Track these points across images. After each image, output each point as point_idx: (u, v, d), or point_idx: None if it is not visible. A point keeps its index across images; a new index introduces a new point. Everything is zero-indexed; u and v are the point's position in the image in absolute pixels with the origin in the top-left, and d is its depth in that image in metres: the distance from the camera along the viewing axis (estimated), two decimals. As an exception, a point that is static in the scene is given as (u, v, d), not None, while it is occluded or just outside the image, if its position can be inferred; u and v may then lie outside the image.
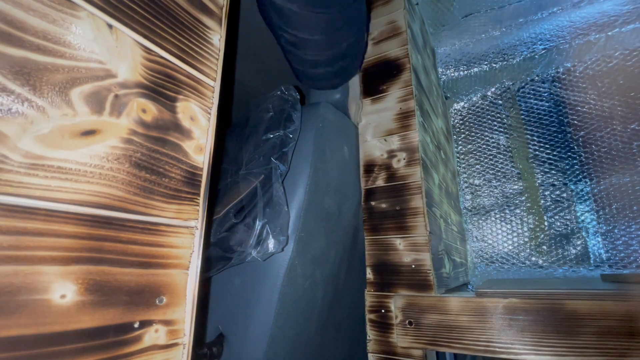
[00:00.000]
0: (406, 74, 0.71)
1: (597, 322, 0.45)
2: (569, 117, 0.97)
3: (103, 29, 0.23)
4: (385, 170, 0.68)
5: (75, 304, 0.20)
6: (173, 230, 0.26)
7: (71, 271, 0.20)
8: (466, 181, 1.09)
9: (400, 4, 0.77)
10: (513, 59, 1.02)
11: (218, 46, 0.32)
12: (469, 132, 1.12)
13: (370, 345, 0.61)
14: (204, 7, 0.31)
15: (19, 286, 0.18)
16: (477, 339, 0.51)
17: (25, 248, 0.18)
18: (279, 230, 0.50)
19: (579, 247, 0.90)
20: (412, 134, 0.67)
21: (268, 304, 0.52)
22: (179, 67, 0.28)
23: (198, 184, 0.28)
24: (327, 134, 0.64)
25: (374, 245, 0.65)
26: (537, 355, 0.47)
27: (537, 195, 0.98)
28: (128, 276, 0.22)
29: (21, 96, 0.19)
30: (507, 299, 0.51)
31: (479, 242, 1.02)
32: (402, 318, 0.58)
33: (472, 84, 1.11)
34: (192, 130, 0.28)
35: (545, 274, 0.92)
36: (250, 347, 0.52)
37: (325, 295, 0.62)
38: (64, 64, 0.21)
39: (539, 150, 1.00)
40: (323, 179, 0.61)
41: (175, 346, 0.25)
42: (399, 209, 0.64)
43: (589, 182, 0.92)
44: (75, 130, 0.21)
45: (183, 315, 0.25)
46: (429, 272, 0.58)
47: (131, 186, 0.23)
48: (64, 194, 0.20)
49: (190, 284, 0.26)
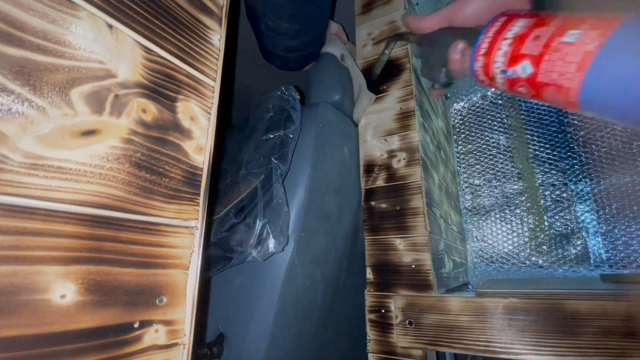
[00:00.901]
0: (406, 74, 0.71)
1: (598, 322, 0.45)
2: (569, 117, 0.97)
3: (103, 29, 0.23)
4: (385, 170, 0.68)
5: (75, 304, 0.20)
6: (173, 230, 0.26)
7: (71, 271, 0.20)
8: (466, 181, 1.09)
9: (400, 4, 0.77)
10: (513, 59, 1.01)
11: (218, 46, 0.32)
12: (469, 132, 1.12)
13: (370, 345, 0.61)
14: (204, 7, 0.31)
15: (19, 286, 0.18)
16: (477, 339, 0.51)
17: (25, 248, 0.18)
18: (279, 230, 0.50)
19: (579, 247, 0.90)
20: (412, 134, 0.67)
21: (268, 304, 0.52)
22: (179, 67, 0.28)
23: (198, 184, 0.28)
24: (327, 134, 0.64)
25: (374, 245, 0.65)
26: (538, 355, 0.47)
27: (537, 195, 0.98)
28: (128, 276, 0.22)
29: (21, 96, 0.19)
30: (507, 299, 0.51)
31: (479, 242, 1.02)
32: (402, 318, 0.58)
33: (472, 83, 1.11)
34: (192, 130, 0.28)
35: (546, 274, 0.92)
36: (250, 347, 0.52)
37: (326, 295, 0.62)
38: (64, 64, 0.21)
39: (539, 150, 1.00)
40: (323, 179, 0.61)
41: (176, 346, 0.25)
42: (399, 209, 0.64)
43: (589, 182, 0.92)
44: (76, 130, 0.21)
45: (183, 315, 0.25)
46: (429, 272, 0.58)
47: (131, 186, 0.23)
48: (64, 194, 0.20)
49: (191, 284, 0.26)
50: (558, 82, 0.36)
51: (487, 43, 0.42)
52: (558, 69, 0.35)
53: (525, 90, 0.40)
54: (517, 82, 0.40)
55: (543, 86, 0.37)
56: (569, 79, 0.35)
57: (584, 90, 0.34)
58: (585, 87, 0.34)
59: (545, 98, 0.39)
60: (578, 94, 0.35)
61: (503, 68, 0.40)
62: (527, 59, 0.38)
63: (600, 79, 0.33)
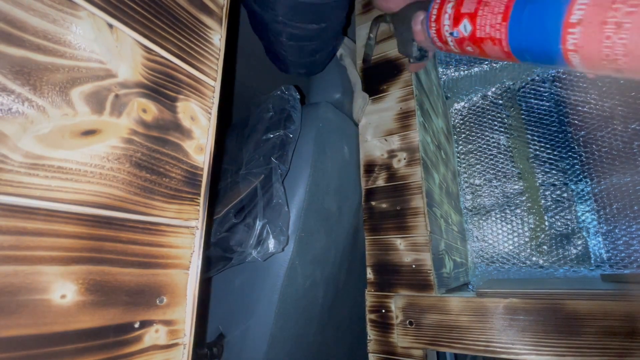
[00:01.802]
0: (406, 73, 0.71)
1: (598, 322, 0.45)
2: (569, 116, 0.97)
3: (103, 29, 0.23)
4: (385, 170, 0.68)
5: (76, 304, 0.20)
6: (173, 230, 0.26)
7: (71, 271, 0.20)
8: (467, 181, 1.09)
9: (400, 4, 0.77)
10: (513, 58, 1.01)
11: (218, 46, 0.32)
12: (470, 131, 1.12)
13: (370, 345, 0.61)
14: (204, 6, 0.31)
15: (19, 286, 0.18)
16: (477, 339, 0.51)
17: (25, 248, 0.18)
18: (279, 230, 0.50)
19: (579, 247, 0.90)
20: (412, 133, 0.67)
21: (268, 304, 0.52)
22: (179, 67, 0.28)
23: (198, 184, 0.28)
24: (327, 134, 0.64)
25: (374, 245, 0.65)
26: (538, 355, 0.47)
27: (537, 195, 0.98)
28: (128, 276, 0.22)
29: (21, 96, 0.19)
30: (507, 299, 0.51)
31: (479, 242, 1.02)
32: (402, 318, 0.58)
33: (473, 83, 1.11)
34: (192, 130, 0.28)
35: (546, 274, 0.92)
36: (250, 347, 0.52)
37: (326, 295, 0.62)
38: (64, 64, 0.21)
39: (540, 150, 1.00)
40: (323, 179, 0.61)
41: (176, 346, 0.25)
42: (400, 209, 0.64)
43: (590, 182, 0.91)
44: (76, 130, 0.21)
45: (183, 315, 0.25)
46: (429, 272, 0.58)
47: (131, 186, 0.23)
48: (65, 194, 0.20)
49: (191, 284, 0.26)
50: (491, 35, 0.38)
51: (436, 10, 0.44)
52: (489, 21, 0.37)
53: (472, 49, 0.42)
54: (464, 41, 0.42)
55: (482, 41, 0.39)
56: (498, 30, 0.37)
57: (511, 38, 0.36)
58: (511, 36, 0.36)
59: (489, 54, 0.40)
60: (508, 44, 0.37)
61: (450, 30, 0.43)
62: (466, 17, 0.40)
63: (521, 26, 0.35)
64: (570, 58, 0.33)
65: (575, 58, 0.32)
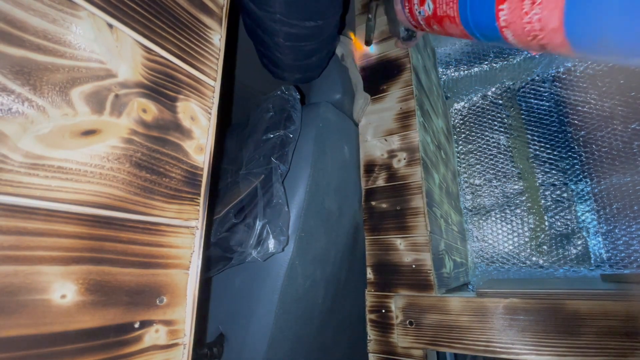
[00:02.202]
0: (406, 73, 0.71)
1: (598, 322, 0.45)
2: (569, 116, 0.97)
3: (103, 29, 0.23)
4: (385, 170, 0.68)
5: (76, 304, 0.20)
6: (173, 230, 0.26)
7: (71, 271, 0.20)
8: (466, 181, 1.09)
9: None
10: (513, 58, 1.02)
11: (218, 46, 0.32)
12: (470, 131, 1.12)
13: (370, 345, 0.60)
14: (204, 6, 0.31)
15: (19, 286, 0.18)
16: (477, 339, 0.51)
17: (25, 248, 0.18)
18: (279, 230, 0.50)
19: (579, 247, 0.90)
20: (412, 133, 0.67)
21: (268, 304, 0.52)
22: (179, 67, 0.28)
23: (198, 184, 0.28)
24: (327, 134, 0.64)
25: (374, 245, 0.65)
26: (538, 355, 0.47)
27: (537, 195, 0.98)
28: (128, 276, 0.22)
29: (21, 96, 0.19)
30: (507, 299, 0.51)
31: (479, 242, 1.02)
32: (402, 318, 0.58)
33: (473, 83, 1.11)
34: (192, 130, 0.28)
35: (546, 274, 0.92)
36: (250, 347, 0.52)
37: (326, 295, 0.62)
38: (64, 64, 0.21)
39: (540, 150, 1.00)
40: (323, 178, 0.61)
41: (176, 346, 0.25)
42: (400, 209, 0.64)
43: (590, 182, 0.92)
44: (76, 130, 0.21)
45: (183, 315, 0.25)
46: (429, 272, 0.58)
47: (132, 186, 0.23)
48: (65, 194, 0.20)
49: (191, 284, 0.26)
50: (447, 12, 0.39)
51: None
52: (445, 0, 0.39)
53: (437, 28, 0.43)
54: (430, 20, 0.43)
55: (442, 19, 0.41)
56: (451, 7, 0.38)
57: (461, 16, 0.37)
58: (461, 13, 0.37)
59: (451, 32, 0.41)
60: (460, 21, 0.38)
61: (419, 9, 0.44)
62: None
63: (466, 4, 0.36)
64: (505, 34, 0.34)
65: (509, 34, 0.34)
